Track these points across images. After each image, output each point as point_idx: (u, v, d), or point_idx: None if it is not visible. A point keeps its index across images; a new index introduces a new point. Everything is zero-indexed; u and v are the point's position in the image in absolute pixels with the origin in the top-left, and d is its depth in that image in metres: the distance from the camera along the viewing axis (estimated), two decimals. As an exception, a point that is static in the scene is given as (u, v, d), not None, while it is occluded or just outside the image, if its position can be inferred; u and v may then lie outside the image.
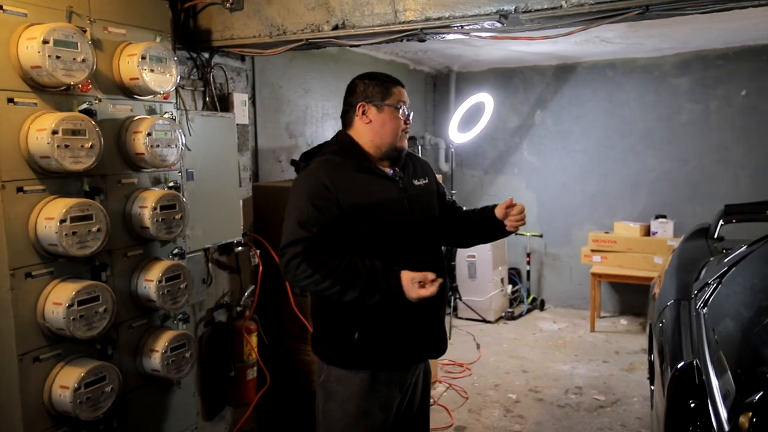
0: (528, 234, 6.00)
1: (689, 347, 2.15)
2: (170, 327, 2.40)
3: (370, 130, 1.97)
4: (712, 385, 1.78)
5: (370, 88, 1.98)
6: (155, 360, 2.25)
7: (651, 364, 3.07)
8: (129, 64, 2.13)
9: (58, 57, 1.85)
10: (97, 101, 2.09)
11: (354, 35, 2.40)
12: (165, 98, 2.34)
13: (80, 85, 2.00)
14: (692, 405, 1.61)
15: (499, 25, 2.18)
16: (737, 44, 5.16)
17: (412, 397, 2.11)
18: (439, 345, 2.10)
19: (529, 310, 6.00)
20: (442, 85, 6.34)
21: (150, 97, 2.27)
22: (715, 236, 3.68)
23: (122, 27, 2.18)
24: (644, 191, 5.68)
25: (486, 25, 2.21)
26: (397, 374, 2.00)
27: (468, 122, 5.72)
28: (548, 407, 4.01)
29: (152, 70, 2.16)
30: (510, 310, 5.88)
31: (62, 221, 1.87)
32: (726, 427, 1.54)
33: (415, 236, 1.98)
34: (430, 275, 1.81)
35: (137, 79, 2.13)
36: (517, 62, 5.90)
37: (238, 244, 2.95)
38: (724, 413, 1.62)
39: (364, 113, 1.97)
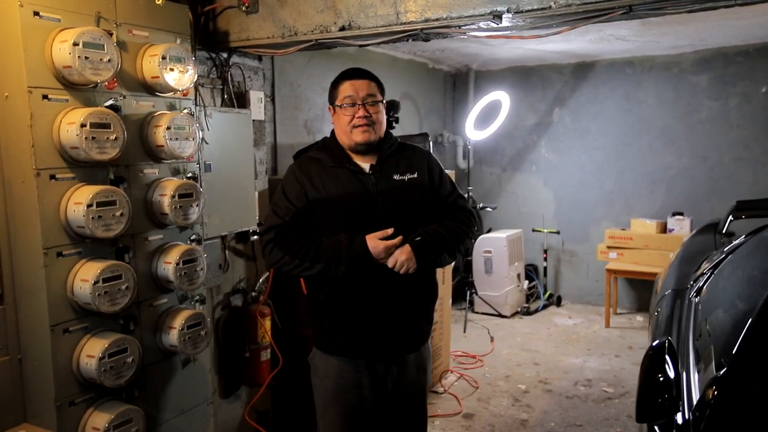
0: (545, 231, 6.07)
1: (675, 330, 2.24)
2: (187, 307, 2.59)
3: (336, 130, 2.12)
4: (689, 364, 1.88)
5: (330, 90, 2.12)
6: (173, 336, 2.45)
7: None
8: (151, 64, 2.32)
9: (86, 57, 2.05)
10: (121, 98, 2.29)
11: (359, 35, 2.55)
12: (184, 95, 2.53)
13: (106, 83, 2.20)
14: (661, 379, 1.71)
15: (493, 24, 2.31)
16: (758, 41, 5.15)
17: (398, 386, 2.16)
18: (410, 341, 2.15)
19: (545, 306, 6.06)
20: (461, 83, 6.45)
21: (170, 94, 2.47)
22: (724, 231, 3.72)
23: (145, 30, 2.37)
24: (662, 188, 5.69)
25: (482, 25, 2.34)
26: (367, 362, 2.11)
27: (485, 120, 5.82)
28: (556, 398, 4.10)
29: (172, 69, 2.35)
30: (526, 305, 5.96)
31: (89, 206, 2.07)
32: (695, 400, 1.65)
33: (362, 225, 1.99)
34: (389, 231, 1.95)
35: (158, 77, 2.32)
36: (535, 61, 5.97)
37: (254, 233, 3.13)
38: (696, 391, 1.72)
39: (332, 116, 2.12)
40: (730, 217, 3.82)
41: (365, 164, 2.08)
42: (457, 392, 4.17)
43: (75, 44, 2.01)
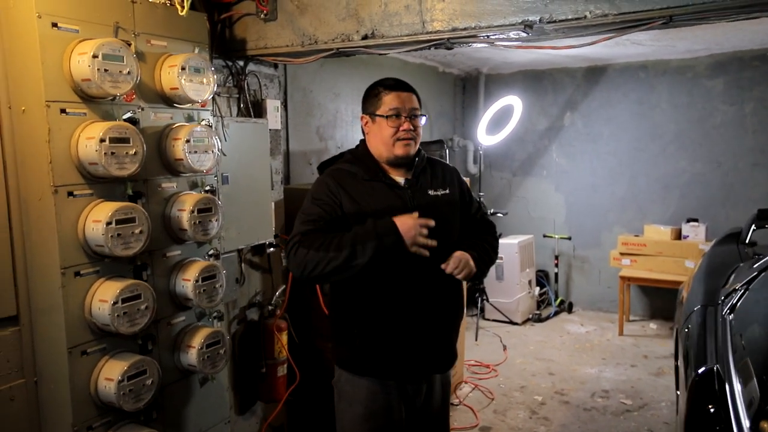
0: (556, 236, 6.00)
1: (713, 353, 2.16)
2: (205, 324, 2.51)
3: (371, 140, 2.05)
4: (735, 392, 1.80)
5: (366, 99, 2.05)
6: (192, 355, 2.37)
7: (677, 369, 3.07)
8: (170, 75, 2.24)
9: (106, 70, 1.97)
10: (139, 110, 2.21)
11: (382, 44, 2.47)
12: (202, 106, 2.45)
13: (125, 95, 2.12)
14: (711, 410, 1.64)
15: (524, 34, 2.23)
16: (774, 45, 5.08)
17: (426, 404, 2.13)
18: (443, 361, 2.11)
19: (556, 313, 6.00)
20: (471, 87, 6.38)
21: (188, 105, 2.39)
22: (747, 241, 3.64)
23: (164, 39, 2.30)
24: (675, 194, 5.63)
25: (511, 35, 2.27)
26: (398, 384, 2.05)
27: (497, 124, 5.75)
28: (574, 410, 4.03)
29: (191, 80, 2.27)
30: (537, 312, 5.89)
31: (108, 224, 1.99)
32: (746, 433, 1.57)
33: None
34: (431, 222, 1.83)
35: (177, 88, 2.24)
36: (546, 64, 5.90)
37: (270, 245, 3.06)
38: (746, 421, 1.65)
39: (365, 125, 2.05)
40: (753, 227, 3.75)
41: (399, 178, 2.04)
42: (473, 404, 4.10)
43: (94, 56, 1.94)
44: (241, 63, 2.92)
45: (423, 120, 2.04)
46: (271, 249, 3.07)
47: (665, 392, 4.25)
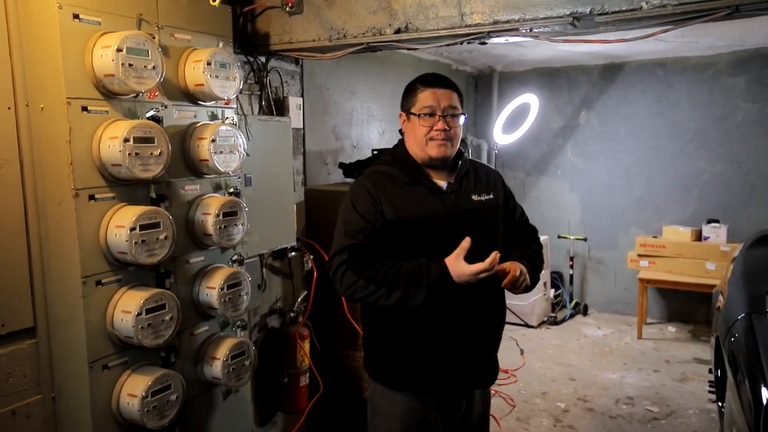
0: (572, 237, 5.88)
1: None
2: (229, 334, 2.38)
3: (407, 140, 1.92)
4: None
5: (404, 95, 1.93)
6: (216, 368, 2.24)
7: (717, 380, 2.96)
8: (195, 70, 2.11)
9: (130, 65, 1.84)
10: (163, 108, 2.08)
11: (416, 39, 2.34)
12: (227, 104, 2.32)
13: (148, 92, 1.98)
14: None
15: (571, 27, 2.11)
16: (799, 41, 4.96)
17: (465, 421, 2.02)
18: (486, 376, 2.00)
19: (572, 315, 5.87)
20: (484, 85, 6.25)
21: (213, 102, 2.26)
22: (781, 244, 3.54)
23: (188, 33, 2.16)
24: (694, 194, 5.50)
25: (557, 27, 2.14)
26: (436, 398, 1.93)
27: (511, 123, 5.62)
28: (599, 418, 3.91)
29: (217, 76, 2.14)
30: (553, 314, 5.77)
31: (132, 229, 1.86)
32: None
33: (445, 251, 1.77)
34: (465, 242, 1.69)
35: (202, 85, 2.11)
36: (562, 62, 5.78)
37: (292, 249, 2.93)
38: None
39: (403, 123, 1.93)
40: (786, 229, 3.64)
41: (441, 182, 1.89)
42: (495, 411, 3.97)
43: (119, 50, 1.80)
44: (263, 59, 2.79)
45: (461, 119, 1.89)
46: (293, 253, 2.94)
47: (692, 399, 4.13)
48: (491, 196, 1.96)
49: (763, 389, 1.94)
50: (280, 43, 2.60)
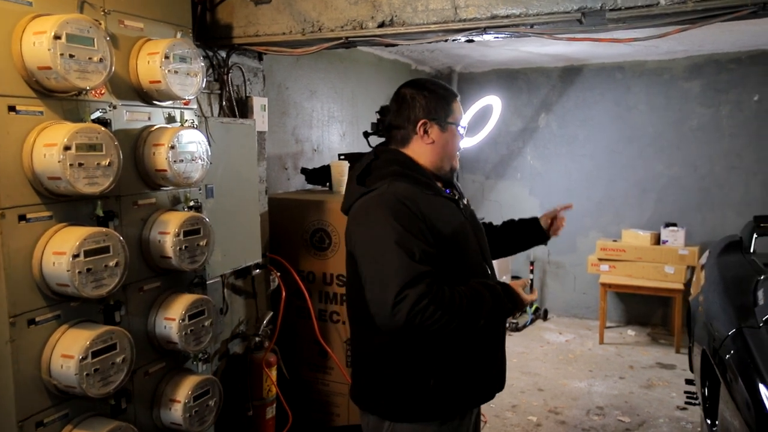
0: (532, 242, 5.78)
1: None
2: (189, 370, 2.06)
3: (431, 151, 1.72)
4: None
5: (433, 102, 1.71)
6: (176, 412, 1.92)
7: (705, 395, 2.86)
8: (150, 65, 1.78)
9: (71, 56, 1.50)
10: (111, 108, 1.74)
11: (403, 33, 2.09)
12: (186, 104, 2.00)
13: (93, 90, 1.65)
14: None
15: (577, 24, 1.91)
16: (750, 48, 5.03)
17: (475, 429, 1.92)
18: (503, 378, 1.89)
19: (532, 320, 5.79)
20: (442, 85, 6.07)
21: (170, 102, 1.93)
22: (752, 250, 3.50)
23: (140, 20, 1.83)
24: (652, 198, 5.51)
25: (561, 24, 1.94)
26: (464, 420, 1.77)
27: (471, 125, 5.47)
28: (572, 431, 3.79)
29: (176, 72, 1.82)
30: (514, 320, 5.66)
31: (75, 256, 1.52)
32: None
33: (482, 261, 1.78)
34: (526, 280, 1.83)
35: (159, 82, 1.79)
36: (521, 63, 5.67)
37: (256, 266, 2.62)
38: None
39: (426, 132, 1.70)
40: (755, 235, 3.62)
41: (443, 190, 1.78)
42: (467, 429, 3.78)
43: (56, 37, 1.46)
44: (223, 54, 2.46)
45: None
46: (257, 270, 2.63)
47: (660, 407, 4.07)
48: (465, 199, 1.88)
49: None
50: (244, 36, 2.30)
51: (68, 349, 1.57)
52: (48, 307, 1.59)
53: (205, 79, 1.96)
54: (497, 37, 2.15)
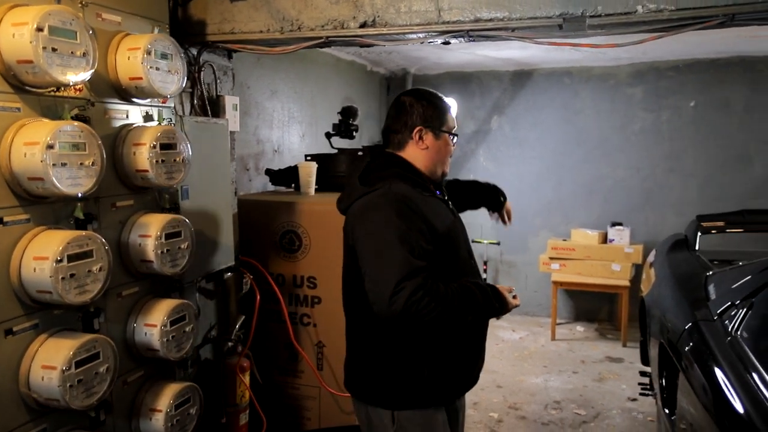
0: (485, 242, 5.91)
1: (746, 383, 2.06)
2: (169, 377, 1.99)
3: (425, 156, 1.82)
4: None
5: (430, 111, 1.83)
6: (157, 422, 1.84)
7: (663, 387, 3.00)
8: (130, 61, 1.71)
9: (54, 49, 1.42)
10: (89, 105, 1.66)
11: (386, 34, 2.10)
12: (163, 102, 1.93)
13: (72, 86, 1.56)
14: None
15: (557, 29, 1.97)
16: (687, 57, 5.32)
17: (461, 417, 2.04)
18: (482, 364, 2.02)
19: (486, 319, 5.90)
20: (396, 87, 6.10)
21: (148, 101, 1.86)
22: (697, 248, 3.70)
23: (117, 14, 1.75)
24: (599, 199, 5.74)
25: (542, 29, 1.99)
26: (455, 404, 1.95)
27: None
28: (532, 425, 3.89)
29: (157, 69, 1.75)
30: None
31: (58, 261, 1.44)
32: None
33: (469, 258, 1.90)
34: (511, 287, 1.84)
35: (141, 78, 1.71)
36: (475, 66, 5.79)
37: (228, 269, 2.55)
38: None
39: (420, 138, 1.81)
40: (699, 233, 3.82)
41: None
42: (431, 427, 3.81)
43: (39, 29, 1.38)
44: (195, 51, 2.39)
45: None
46: (229, 273, 2.56)
47: (612, 399, 4.24)
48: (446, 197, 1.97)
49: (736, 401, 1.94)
50: (219, 33, 2.24)
51: (50, 360, 1.48)
52: (26, 316, 1.50)
53: (185, 77, 1.89)
54: (472, 41, 2.18)
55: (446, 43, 2.35)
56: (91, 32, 1.53)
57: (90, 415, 1.68)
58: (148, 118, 1.87)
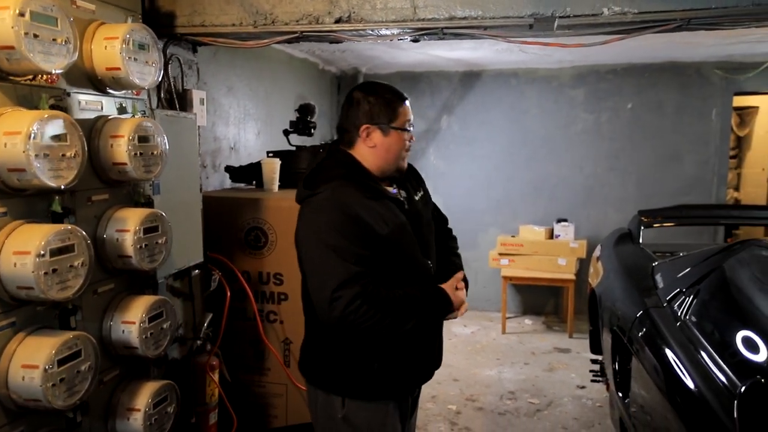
0: (437, 239, 6.01)
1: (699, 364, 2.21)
2: (145, 376, 1.94)
3: (373, 154, 1.79)
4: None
5: (376, 108, 1.79)
6: (135, 422, 1.80)
7: (615, 372, 3.15)
8: (107, 50, 1.66)
9: (35, 36, 1.37)
10: (65, 95, 1.60)
11: (361, 30, 2.12)
12: (137, 94, 1.88)
13: (47, 76, 1.51)
14: None
15: (528, 29, 2.06)
16: (624, 61, 5.60)
17: (412, 414, 2.03)
18: (440, 357, 2.01)
19: (438, 315, 6.00)
20: (346, 86, 6.12)
21: (123, 92, 1.81)
22: (641, 241, 3.91)
23: (92, 2, 1.70)
24: (545, 196, 5.94)
25: (514, 29, 2.08)
26: (408, 398, 1.93)
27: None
28: (490, 416, 4.00)
29: (135, 59, 1.71)
30: (423, 316, 5.83)
31: (40, 255, 1.38)
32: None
33: (426, 257, 1.84)
34: (459, 275, 1.84)
35: (118, 69, 1.67)
36: (425, 66, 5.88)
37: (196, 266, 2.50)
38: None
39: (368, 136, 1.77)
40: (642, 227, 4.05)
41: (389, 189, 1.82)
42: (392, 422, 3.85)
43: (21, 14, 1.33)
44: (161, 44, 2.33)
45: None
46: (197, 271, 2.52)
47: (563, 387, 4.42)
48: (422, 192, 1.96)
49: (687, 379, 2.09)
50: (189, 26, 2.20)
51: (31, 359, 1.42)
52: (3, 314, 1.43)
53: (161, 70, 1.85)
54: (443, 39, 2.23)
55: (415, 40, 2.40)
56: (71, 19, 1.48)
57: (67, 416, 1.62)
58: (122, 110, 1.82)
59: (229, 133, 3.91)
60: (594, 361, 3.88)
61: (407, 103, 1.83)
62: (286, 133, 3.84)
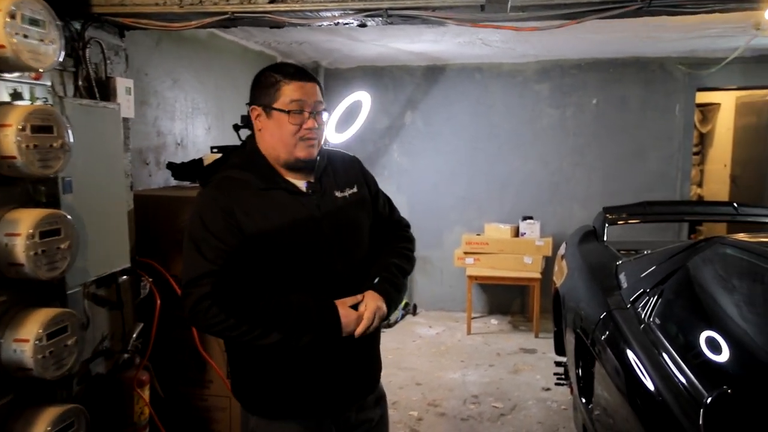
0: (401, 238, 5.85)
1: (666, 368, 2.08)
2: (47, 400, 1.71)
3: (262, 139, 1.64)
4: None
5: (258, 87, 1.63)
6: (34, 453, 1.57)
7: (578, 376, 3.02)
8: (-10, 26, 1.43)
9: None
10: (-63, 78, 1.37)
11: (299, 11, 1.93)
12: (36, 78, 1.65)
13: None
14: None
15: (479, 11, 1.89)
16: (589, 56, 5.52)
17: (360, 424, 1.79)
18: (369, 381, 1.79)
19: (403, 316, 5.87)
20: (306, 81, 5.92)
21: (15, 75, 1.58)
22: (605, 239, 3.80)
23: (-27, -30, 1.47)
24: (511, 192, 5.83)
25: (464, 10, 1.91)
26: (324, 423, 1.70)
27: (340, 122, 5.39)
28: (452, 421, 3.85)
29: (25, 36, 1.49)
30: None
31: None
32: None
33: (333, 263, 1.63)
34: (360, 297, 1.59)
35: (3, 47, 1.45)
36: (388, 61, 5.70)
37: (123, 272, 2.28)
38: None
39: (256, 118, 1.63)
40: (606, 225, 3.94)
41: (299, 182, 1.64)
42: (350, 431, 3.67)
43: None
44: (78, 25, 2.10)
45: (326, 116, 1.68)
46: (124, 277, 2.29)
47: (528, 390, 4.30)
48: (354, 189, 1.73)
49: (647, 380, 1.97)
50: (107, 5, 1.97)
51: None
52: None
53: (62, 50, 1.63)
54: (390, 23, 2.06)
55: (362, 25, 2.22)
56: None
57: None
58: (16, 96, 1.59)
59: (175, 128, 3.68)
60: (558, 363, 3.76)
61: (301, 83, 1.58)
62: (236, 128, 3.61)
